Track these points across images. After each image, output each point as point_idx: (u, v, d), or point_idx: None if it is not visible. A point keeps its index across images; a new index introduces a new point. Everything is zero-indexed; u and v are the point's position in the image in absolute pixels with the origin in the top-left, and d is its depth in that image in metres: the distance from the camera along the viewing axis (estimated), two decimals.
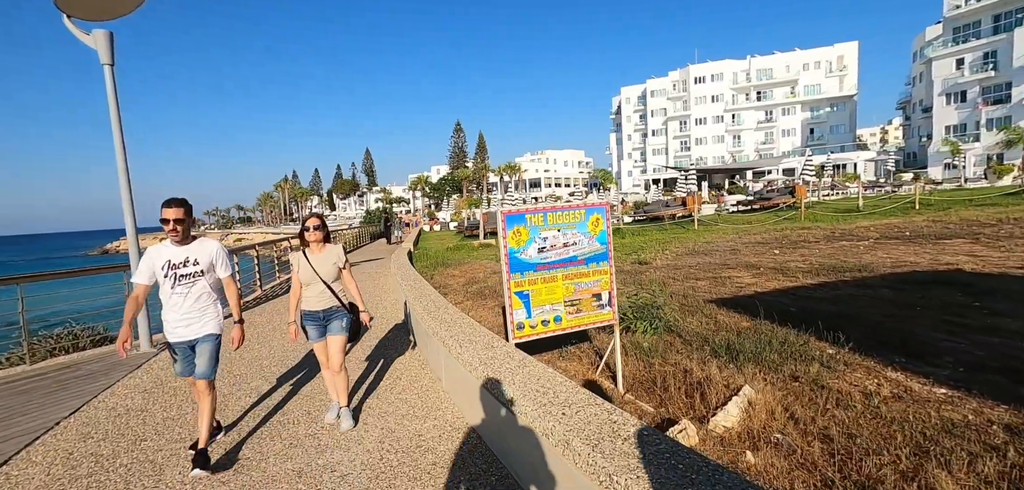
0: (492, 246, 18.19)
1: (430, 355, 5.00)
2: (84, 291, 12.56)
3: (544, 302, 4.05)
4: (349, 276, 3.87)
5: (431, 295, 6.39)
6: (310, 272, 3.68)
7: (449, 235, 30.25)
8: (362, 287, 10.86)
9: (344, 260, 3.84)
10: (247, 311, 8.93)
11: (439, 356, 4.49)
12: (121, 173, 6.28)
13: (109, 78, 6.24)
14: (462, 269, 12.64)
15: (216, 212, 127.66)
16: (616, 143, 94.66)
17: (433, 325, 4.67)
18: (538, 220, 4.00)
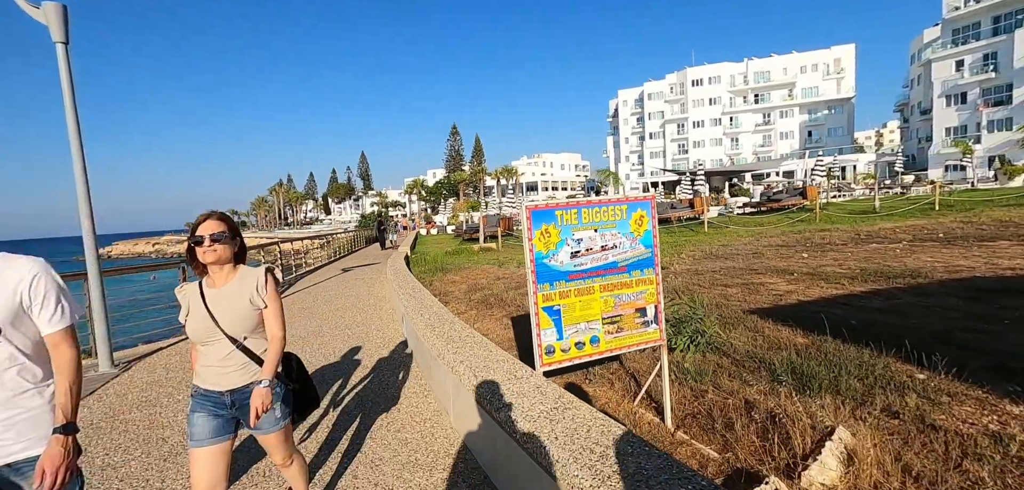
0: (493, 250, 17.41)
1: (434, 380, 4.20)
2: None
3: (578, 319, 3.26)
4: (275, 313, 2.12)
5: (433, 306, 5.60)
6: (205, 322, 2.05)
7: (447, 239, 29.42)
8: (356, 295, 10.04)
9: (266, 291, 2.11)
10: None
11: (446, 383, 3.70)
12: (76, 163, 5.46)
13: (62, 57, 5.42)
14: (463, 275, 11.84)
15: None
16: (613, 146, 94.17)
17: (438, 345, 3.87)
18: (571, 218, 3.21)
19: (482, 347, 3.69)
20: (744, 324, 5.34)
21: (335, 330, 7.03)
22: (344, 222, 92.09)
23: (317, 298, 10.13)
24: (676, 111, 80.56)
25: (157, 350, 6.51)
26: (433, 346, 4.06)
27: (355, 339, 6.40)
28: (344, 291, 10.84)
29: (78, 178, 5.49)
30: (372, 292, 10.47)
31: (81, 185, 5.50)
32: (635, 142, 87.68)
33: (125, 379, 5.30)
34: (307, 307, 9.10)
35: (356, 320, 7.64)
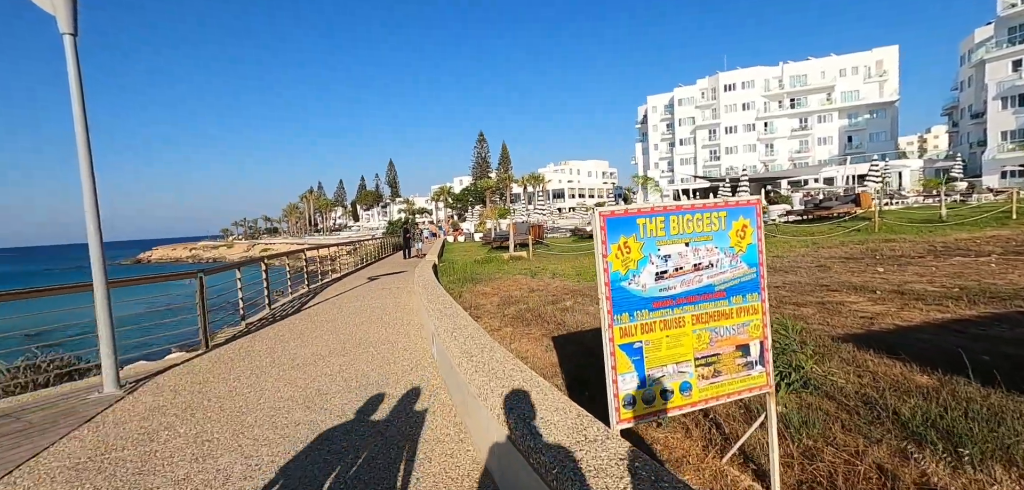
0: (524, 259, 16.69)
1: (473, 422, 3.49)
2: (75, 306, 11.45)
3: (665, 359, 2.51)
4: None
5: (468, 327, 4.90)
6: None
7: (474, 247, 28.85)
8: (382, 307, 9.46)
9: None
10: (248, 336, 7.61)
11: (488, 431, 2.99)
12: (83, 163, 5.00)
13: (70, 50, 4.98)
14: (494, 286, 11.14)
15: (244, 223, 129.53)
16: (642, 153, 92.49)
17: (478, 379, 3.18)
18: (656, 228, 2.47)
19: (533, 385, 2.97)
20: (838, 355, 4.45)
21: (359, 348, 6.41)
22: (372, 229, 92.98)
23: (342, 309, 9.59)
24: (707, 117, 78.53)
25: (171, 367, 6.01)
26: (471, 380, 3.36)
27: (380, 361, 5.76)
28: (370, 302, 10.28)
29: (84, 178, 5.02)
30: (399, 304, 9.88)
31: (87, 186, 5.04)
32: (664, 149, 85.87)
33: (128, 404, 4.77)
34: (330, 320, 8.55)
35: (382, 337, 7.02)
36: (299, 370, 5.56)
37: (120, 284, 5.91)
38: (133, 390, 5.18)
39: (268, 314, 9.82)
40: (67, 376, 6.03)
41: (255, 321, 9.04)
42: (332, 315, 9.03)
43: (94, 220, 5.07)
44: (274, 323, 8.63)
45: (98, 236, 5.11)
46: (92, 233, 5.08)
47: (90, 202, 5.05)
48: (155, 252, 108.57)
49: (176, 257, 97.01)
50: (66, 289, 5.77)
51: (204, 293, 6.87)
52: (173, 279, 6.67)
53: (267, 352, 6.52)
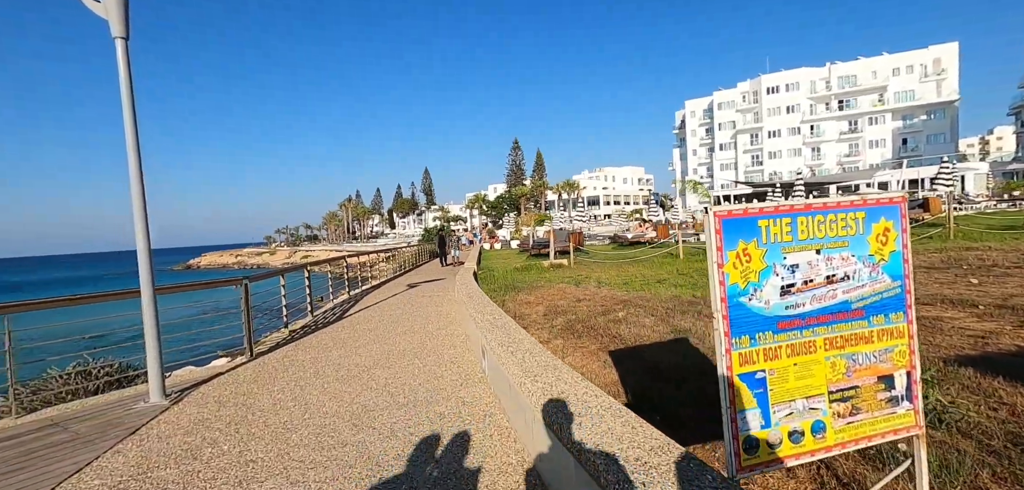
0: (564, 267, 16.21)
1: (540, 451, 3.09)
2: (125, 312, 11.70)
3: (792, 392, 2.04)
4: None
5: (524, 343, 4.51)
6: None
7: (511, 254, 28.53)
8: (424, 316, 9.19)
9: None
10: (292, 344, 7.46)
11: (567, 473, 2.58)
12: (132, 169, 4.91)
13: (122, 54, 4.92)
14: (537, 295, 10.73)
15: (286, 230, 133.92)
16: (680, 158, 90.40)
17: (546, 404, 2.78)
18: (782, 231, 2.02)
19: (617, 417, 2.55)
20: (958, 381, 3.83)
21: (404, 359, 6.13)
22: (407, 236, 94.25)
23: (384, 318, 9.39)
24: (749, 121, 76.02)
25: (215, 376, 5.88)
26: (533, 402, 2.98)
27: (427, 374, 5.45)
28: (411, 311, 10.05)
29: (133, 183, 4.93)
30: (441, 312, 9.60)
31: (136, 192, 4.94)
32: (703, 154, 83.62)
33: (173, 415, 4.61)
34: (373, 329, 8.34)
35: (426, 347, 6.72)
36: (344, 383, 5.30)
37: (167, 291, 5.83)
38: (178, 400, 5.04)
39: (311, 321, 9.73)
40: (116, 383, 5.98)
41: (298, 328, 8.94)
42: (374, 323, 8.83)
43: (143, 228, 4.97)
44: (317, 331, 8.49)
45: (146, 244, 5.01)
46: (141, 241, 4.98)
47: (139, 209, 4.96)
48: (204, 258, 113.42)
49: (223, 263, 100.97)
50: (115, 296, 5.72)
51: (249, 300, 6.76)
52: (219, 286, 6.58)
53: (311, 362, 6.32)
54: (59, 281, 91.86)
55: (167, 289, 5.87)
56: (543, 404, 2.93)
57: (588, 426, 2.47)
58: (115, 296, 5.76)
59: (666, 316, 7.23)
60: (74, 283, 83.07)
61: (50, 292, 67.92)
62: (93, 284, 77.37)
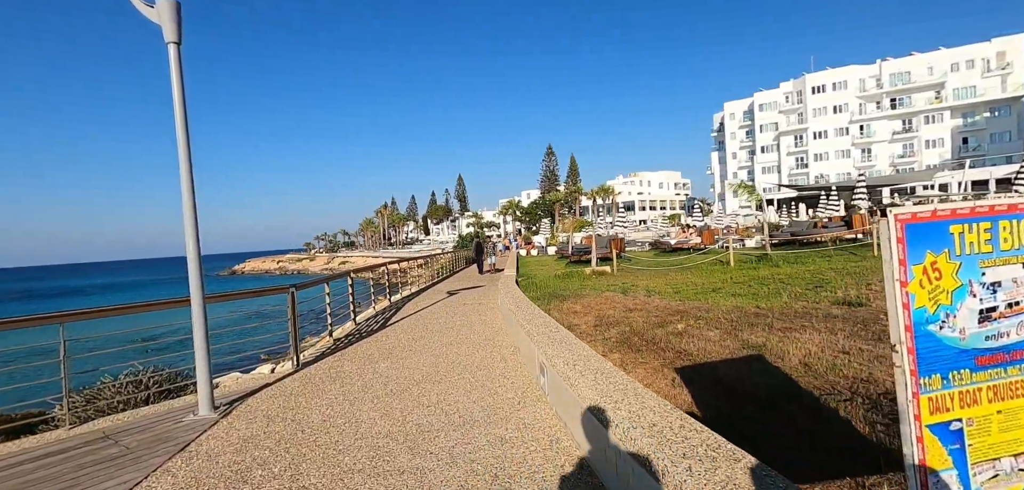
0: (607, 275, 15.68)
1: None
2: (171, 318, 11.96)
3: (998, 447, 1.58)
4: None
5: (590, 359, 4.12)
6: None
7: (549, 260, 28.11)
8: (468, 325, 8.90)
9: None
10: (337, 354, 7.29)
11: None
12: (184, 174, 4.81)
13: (174, 59, 4.83)
14: (584, 304, 10.29)
15: (324, 236, 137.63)
16: (719, 162, 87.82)
17: (643, 442, 2.38)
18: (979, 239, 1.57)
19: (735, 463, 2.14)
20: None
21: (453, 374, 5.82)
22: (441, 242, 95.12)
23: (427, 327, 9.15)
24: (793, 122, 73.12)
25: (263, 387, 5.73)
26: (615, 429, 2.58)
27: (480, 390, 5.12)
28: (454, 320, 9.79)
29: (184, 189, 4.82)
30: (484, 321, 9.30)
31: (187, 198, 4.84)
32: (744, 157, 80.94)
33: (221, 430, 4.44)
34: (418, 339, 8.10)
35: (475, 360, 6.41)
36: (394, 398, 5.03)
37: (217, 300, 5.73)
38: (227, 413, 4.88)
39: (354, 328, 9.61)
40: (166, 394, 5.91)
41: (342, 336, 8.81)
42: (418, 333, 8.60)
43: (193, 233, 4.86)
44: (361, 340, 8.31)
45: (197, 253, 4.88)
46: (191, 247, 4.86)
47: (189, 216, 4.85)
48: (247, 264, 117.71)
49: (265, 269, 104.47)
50: (166, 305, 5.65)
51: (295, 308, 6.62)
52: (268, 294, 6.46)
53: (357, 373, 6.09)
54: (116, 285, 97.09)
55: (217, 297, 5.78)
56: (633, 446, 2.53)
57: (700, 473, 2.06)
58: (166, 305, 5.70)
59: (732, 329, 6.68)
60: (129, 288, 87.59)
61: (110, 295, 71.72)
62: (145, 289, 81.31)
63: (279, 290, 6.32)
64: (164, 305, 5.61)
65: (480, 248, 20.91)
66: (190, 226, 4.84)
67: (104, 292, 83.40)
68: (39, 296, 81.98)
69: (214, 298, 5.63)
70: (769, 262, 13.99)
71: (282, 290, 6.37)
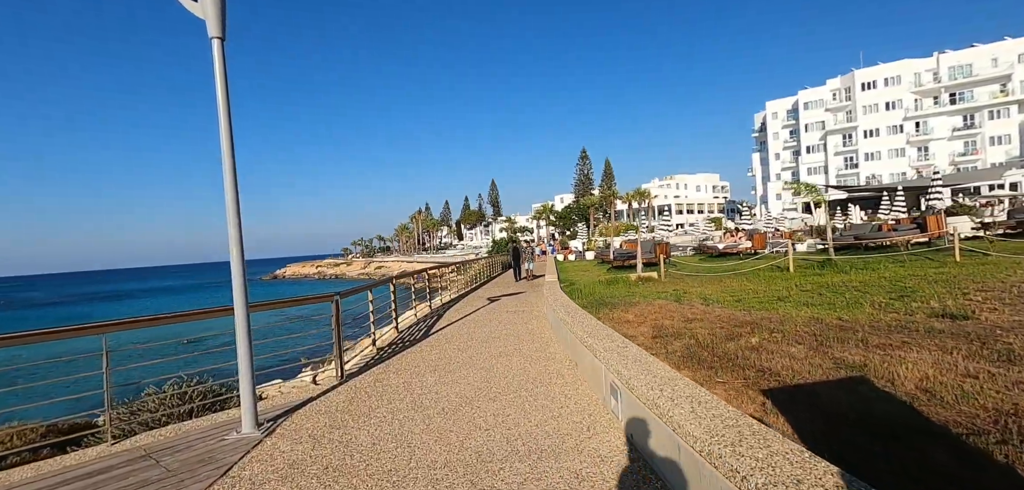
0: (654, 281, 14.93)
1: None
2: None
3: None
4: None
5: (677, 381, 3.56)
6: None
7: (588, 265, 27.38)
8: (515, 334, 8.42)
9: None
10: (381, 365, 6.94)
11: None
12: (227, 173, 4.53)
13: (218, 54, 4.57)
14: (636, 312, 9.66)
15: (361, 242, 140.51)
16: (760, 163, 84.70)
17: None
18: None
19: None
20: None
21: (509, 390, 5.35)
22: (475, 247, 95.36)
23: (473, 336, 8.74)
24: (841, 120, 69.75)
25: (307, 402, 5.40)
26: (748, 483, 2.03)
27: (542, 412, 4.62)
28: (500, 329, 9.35)
29: (228, 190, 4.54)
30: (532, 332, 8.82)
31: (231, 200, 4.55)
32: (787, 158, 77.71)
33: (265, 451, 4.10)
34: (464, 349, 7.68)
35: (530, 375, 5.93)
36: (447, 418, 4.60)
37: (262, 308, 5.46)
38: (271, 431, 4.56)
39: (397, 337, 9.29)
40: (209, 407, 5.67)
41: (386, 345, 8.48)
42: (463, 342, 8.19)
43: (237, 236, 4.57)
44: (405, 349, 7.96)
45: (240, 259, 4.60)
46: (235, 256, 4.57)
47: (233, 219, 4.56)
48: (288, 269, 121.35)
49: (305, 273, 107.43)
50: (209, 313, 5.41)
51: (339, 317, 6.31)
52: (313, 301, 6.18)
53: (405, 388, 5.70)
54: (163, 290, 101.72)
55: (262, 306, 5.52)
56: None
57: None
58: (209, 314, 5.46)
59: (818, 345, 5.95)
60: (179, 292, 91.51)
61: (160, 298, 75.17)
62: (190, 294, 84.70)
63: (324, 297, 6.02)
64: (207, 314, 5.38)
65: (517, 253, 20.42)
66: (234, 230, 4.56)
67: (155, 295, 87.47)
68: (104, 298, 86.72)
69: (259, 306, 5.36)
70: (834, 268, 12.93)
71: (326, 297, 6.07)
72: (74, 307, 71.34)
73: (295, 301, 6.08)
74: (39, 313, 65.18)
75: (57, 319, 55.22)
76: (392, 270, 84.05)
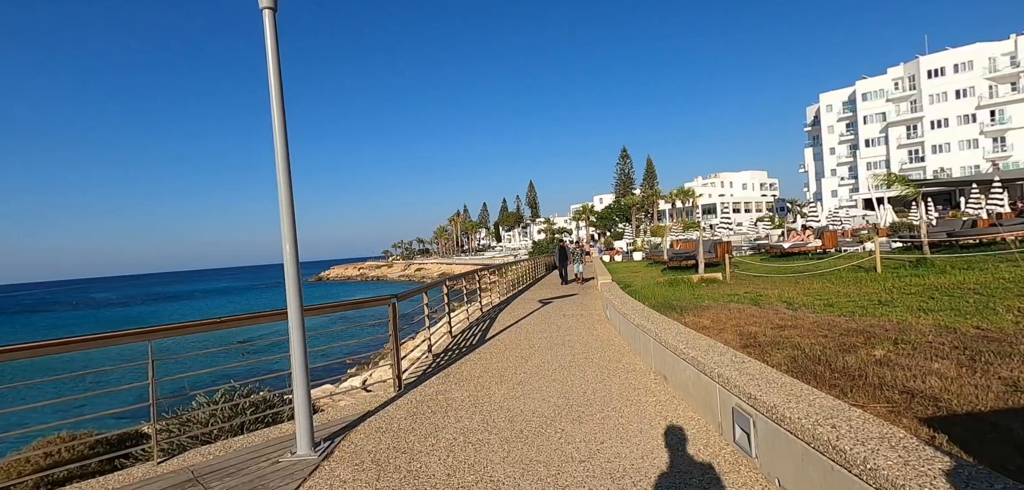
0: (719, 282, 13.82)
1: None
2: None
3: None
4: None
5: (839, 411, 2.74)
6: None
7: (638, 266, 26.21)
8: (582, 342, 7.65)
9: None
10: (440, 375, 6.33)
11: None
12: (280, 160, 4.00)
13: (269, 27, 4.05)
14: (710, 317, 8.69)
15: (401, 244, 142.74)
16: (813, 159, 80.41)
17: None
18: None
19: None
20: None
21: (592, 408, 4.61)
22: (513, 249, 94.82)
23: (533, 343, 8.04)
24: (904, 111, 65.17)
25: (366, 417, 4.84)
26: None
27: (641, 437, 3.86)
28: (561, 335, 8.62)
29: (281, 182, 4.01)
30: (598, 337, 8.05)
31: (284, 194, 4.02)
32: (844, 152, 73.33)
33: (323, 479, 3.52)
34: (528, 358, 6.99)
35: (611, 389, 5.17)
36: (529, 444, 3.90)
37: (317, 311, 4.95)
38: (328, 453, 3.99)
39: (451, 342, 8.71)
40: (261, 420, 5.20)
41: (441, 352, 7.90)
42: (525, 349, 7.50)
43: (291, 235, 4.03)
44: (463, 357, 7.34)
45: (294, 258, 4.05)
46: (289, 253, 4.03)
47: (287, 216, 4.02)
48: (333, 271, 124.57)
49: (348, 275, 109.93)
50: (261, 318, 4.93)
51: (397, 322, 5.73)
52: (369, 305, 5.63)
53: (472, 403, 5.06)
54: (217, 291, 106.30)
55: (318, 309, 5.00)
56: None
57: None
58: (260, 318, 4.98)
59: (971, 361, 4.91)
60: (226, 294, 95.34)
61: (215, 299, 78.44)
62: (245, 295, 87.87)
63: (381, 301, 5.46)
64: (256, 319, 4.90)
65: (565, 253, 18.69)
66: (288, 224, 4.02)
67: (209, 297, 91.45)
68: (159, 299, 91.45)
69: (316, 310, 4.84)
70: (932, 268, 11.49)
71: (383, 301, 5.50)
72: (133, 308, 75.42)
73: (352, 304, 5.55)
74: (104, 314, 69.15)
75: (117, 319, 58.36)
76: (432, 272, 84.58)
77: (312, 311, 4.94)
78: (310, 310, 4.83)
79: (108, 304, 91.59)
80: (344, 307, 5.48)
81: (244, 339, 13.74)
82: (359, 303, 5.47)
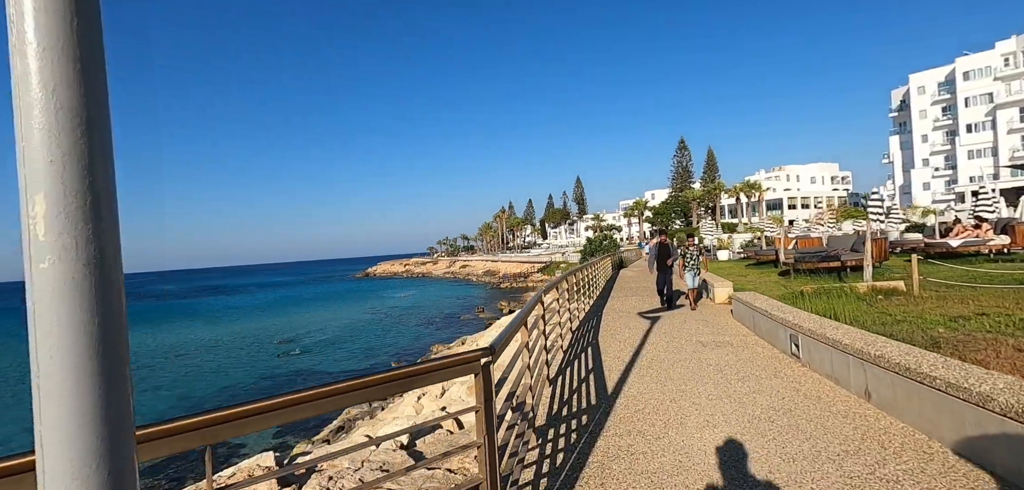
0: (903, 294, 10.00)
1: None
2: None
3: None
4: None
5: None
6: None
7: (732, 267, 22.23)
8: (741, 379, 4.28)
9: None
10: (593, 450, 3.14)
11: None
12: None
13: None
14: (980, 357, 5.04)
15: (446, 241, 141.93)
16: (900, 147, 72.16)
17: None
18: None
19: None
20: None
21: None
22: (560, 246, 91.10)
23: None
24: (1016, 90, 56.75)
25: None
26: None
27: None
28: (709, 373, 5.26)
29: None
30: (753, 372, 4.66)
31: None
32: (939, 140, 65.18)
33: None
34: (688, 414, 3.70)
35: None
36: None
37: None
38: None
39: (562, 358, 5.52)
40: None
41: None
42: (673, 395, 4.22)
43: None
44: (598, 415, 4.13)
45: None
46: None
47: None
48: (379, 267, 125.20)
49: (393, 272, 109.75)
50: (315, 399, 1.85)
51: (490, 390, 2.69)
52: (446, 369, 2.15)
53: None
54: (270, 285, 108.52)
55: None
56: None
57: None
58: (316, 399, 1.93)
59: None
60: (280, 287, 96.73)
61: (269, 292, 79.26)
62: (292, 289, 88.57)
63: (463, 358, 2.38)
64: (317, 399, 1.87)
65: (666, 252, 11.52)
66: None
67: (264, 289, 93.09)
68: (216, 291, 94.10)
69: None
70: None
71: (467, 357, 2.41)
72: (197, 300, 77.34)
73: (424, 368, 2.50)
74: (165, 305, 70.97)
75: (173, 311, 59.23)
76: (477, 269, 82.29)
77: (380, 381, 1.89)
78: (375, 380, 1.79)
79: (169, 296, 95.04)
80: (428, 371, 2.40)
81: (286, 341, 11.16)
82: (433, 367, 2.39)
